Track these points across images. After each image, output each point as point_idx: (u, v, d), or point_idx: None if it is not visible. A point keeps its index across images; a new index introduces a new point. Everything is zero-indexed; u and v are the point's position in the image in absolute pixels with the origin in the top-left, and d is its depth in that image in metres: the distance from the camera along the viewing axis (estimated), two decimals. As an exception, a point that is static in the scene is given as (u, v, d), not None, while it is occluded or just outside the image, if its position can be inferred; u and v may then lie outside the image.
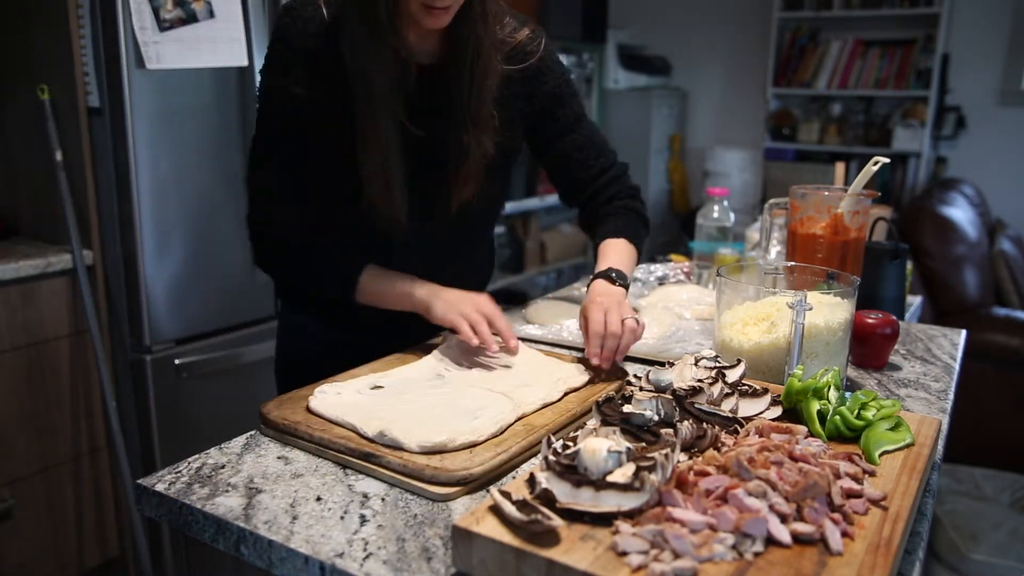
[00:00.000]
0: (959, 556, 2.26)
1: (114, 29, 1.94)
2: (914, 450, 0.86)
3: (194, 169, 2.13)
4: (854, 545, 0.67)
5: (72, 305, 2.08)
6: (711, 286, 1.67)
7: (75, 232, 2.05)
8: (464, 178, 1.24)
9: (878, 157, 1.31)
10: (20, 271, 1.95)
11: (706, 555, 0.64)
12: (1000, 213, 3.88)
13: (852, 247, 1.36)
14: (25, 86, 2.09)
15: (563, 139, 1.35)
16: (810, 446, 0.81)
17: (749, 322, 1.13)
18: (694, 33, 4.84)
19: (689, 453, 0.83)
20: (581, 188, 1.39)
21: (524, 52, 1.27)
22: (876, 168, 1.29)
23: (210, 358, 2.17)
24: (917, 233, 3.09)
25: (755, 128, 4.69)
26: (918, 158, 4.14)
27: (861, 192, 1.35)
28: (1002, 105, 4.07)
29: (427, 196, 1.25)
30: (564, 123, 1.34)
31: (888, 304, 1.46)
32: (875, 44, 4.27)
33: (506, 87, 1.24)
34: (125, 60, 1.95)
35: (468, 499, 0.84)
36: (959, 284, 3.09)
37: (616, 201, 1.39)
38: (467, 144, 1.21)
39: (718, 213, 1.84)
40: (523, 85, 1.28)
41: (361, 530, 0.78)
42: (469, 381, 1.10)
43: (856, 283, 1.12)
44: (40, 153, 2.09)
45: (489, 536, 0.67)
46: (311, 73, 1.17)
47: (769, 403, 0.96)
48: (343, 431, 0.94)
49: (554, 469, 0.73)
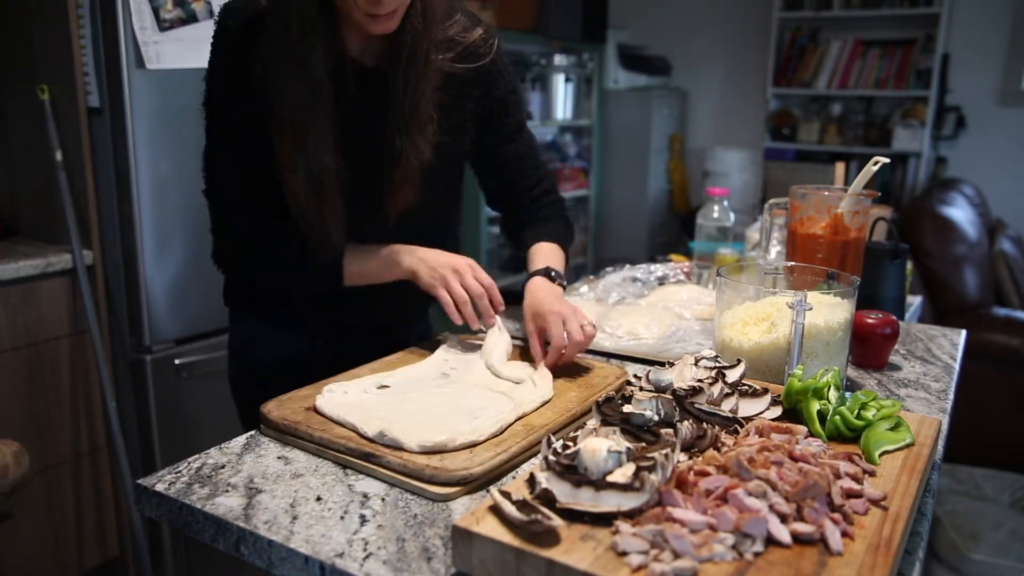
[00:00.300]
0: (959, 556, 2.26)
1: (114, 29, 1.94)
2: (914, 450, 0.86)
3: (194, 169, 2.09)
4: (854, 545, 0.67)
5: (72, 305, 2.08)
6: (711, 286, 1.67)
7: (75, 232, 2.04)
8: (399, 184, 1.19)
9: (878, 157, 1.31)
10: (20, 271, 1.95)
11: (706, 555, 0.64)
12: (1000, 213, 3.88)
13: (852, 247, 1.36)
14: (25, 86, 2.09)
15: (505, 147, 1.34)
16: (810, 446, 0.81)
17: (749, 322, 1.13)
18: (694, 33, 4.84)
19: (689, 453, 0.83)
20: (514, 197, 1.39)
21: (476, 53, 1.24)
22: (876, 168, 1.29)
23: (210, 358, 2.17)
24: (917, 233, 3.09)
25: (755, 128, 4.69)
26: (918, 158, 4.14)
27: (861, 192, 1.35)
28: (1002, 105, 4.07)
29: (365, 205, 1.21)
30: (507, 131, 1.33)
31: (888, 304, 1.46)
32: (875, 44, 4.28)
33: (456, 88, 1.22)
34: (125, 60, 1.95)
35: (468, 499, 0.84)
36: (959, 284, 3.09)
37: (544, 211, 1.40)
38: (401, 147, 1.16)
39: (718, 213, 1.84)
40: (473, 87, 1.26)
41: (361, 530, 0.78)
42: (473, 380, 1.10)
43: (856, 283, 1.12)
44: (40, 153, 2.08)
45: (489, 536, 0.67)
46: (251, 80, 1.11)
47: (769, 403, 0.95)
48: (343, 431, 0.94)
49: (554, 469, 0.73)
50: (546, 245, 1.35)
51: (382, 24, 1.07)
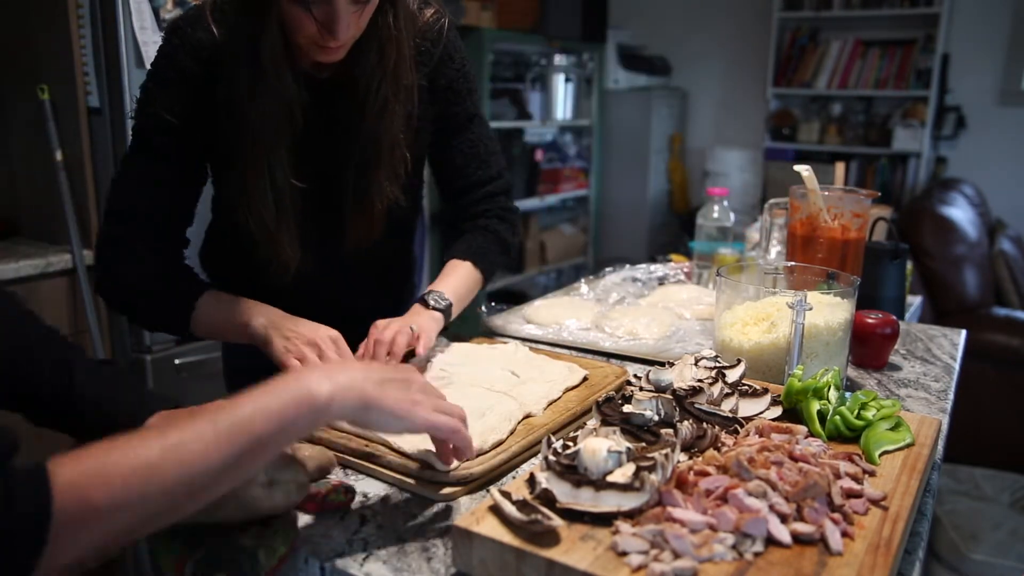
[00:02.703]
0: (959, 556, 2.26)
1: (114, 29, 1.94)
2: (914, 450, 0.86)
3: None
4: (854, 545, 0.67)
5: (72, 305, 2.08)
6: (711, 286, 1.67)
7: (75, 232, 2.05)
8: (362, 225, 1.16)
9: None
10: (20, 271, 1.95)
11: (706, 555, 0.64)
12: (1000, 213, 3.87)
13: (852, 247, 1.36)
14: (25, 86, 2.09)
15: (450, 141, 1.27)
16: (810, 446, 0.81)
17: (749, 322, 1.13)
18: (694, 33, 4.84)
19: (689, 453, 0.83)
20: (455, 196, 1.31)
21: (424, 36, 1.17)
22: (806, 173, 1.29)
23: (210, 358, 2.17)
24: (917, 233, 3.09)
25: (755, 128, 4.69)
26: (918, 158, 4.14)
27: (861, 192, 1.36)
28: (1002, 105, 4.07)
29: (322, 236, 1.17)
30: (454, 123, 1.25)
31: (888, 304, 1.46)
32: (875, 44, 4.27)
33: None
34: (125, 60, 1.95)
35: (468, 499, 0.84)
36: (959, 284, 3.09)
37: (481, 219, 1.30)
38: (365, 188, 1.12)
39: (718, 213, 1.84)
40: (421, 68, 1.17)
41: (361, 530, 0.78)
42: (471, 380, 1.10)
43: (856, 283, 1.12)
44: (40, 153, 2.08)
45: (489, 536, 0.67)
46: (194, 99, 1.07)
47: (769, 403, 0.96)
48: (343, 431, 0.94)
49: (554, 469, 0.73)
50: (452, 266, 1.25)
51: (331, 54, 1.03)
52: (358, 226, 1.17)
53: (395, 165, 1.14)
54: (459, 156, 1.28)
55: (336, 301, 1.24)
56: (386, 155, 1.13)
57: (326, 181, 1.15)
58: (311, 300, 1.18)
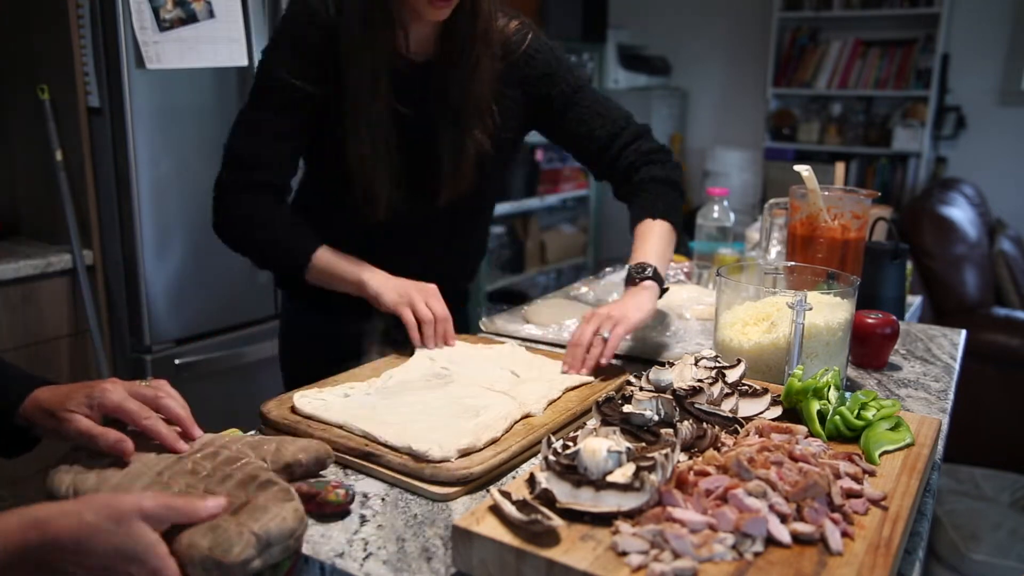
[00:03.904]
0: (959, 556, 2.26)
1: (114, 29, 1.94)
2: (914, 450, 0.86)
3: (194, 169, 2.12)
4: (854, 545, 0.67)
5: (72, 305, 2.08)
6: (711, 286, 1.67)
7: (75, 232, 2.05)
8: (458, 174, 1.27)
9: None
10: (20, 271, 1.95)
11: (706, 555, 0.64)
12: (1000, 213, 3.87)
13: (852, 247, 1.36)
14: (25, 86, 2.09)
15: (564, 116, 1.35)
16: (810, 446, 0.81)
17: (749, 322, 1.13)
18: (694, 33, 4.84)
19: (689, 453, 0.83)
20: (595, 160, 1.39)
21: (510, 47, 1.30)
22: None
23: (210, 358, 2.17)
24: (917, 233, 3.09)
25: (755, 128, 4.69)
26: (918, 158, 4.14)
27: (861, 192, 1.36)
28: (1002, 105, 4.07)
29: (418, 190, 1.28)
30: (561, 100, 1.34)
31: (888, 304, 1.46)
32: (875, 44, 4.27)
33: (499, 81, 1.27)
34: (125, 60, 1.95)
35: (468, 499, 0.84)
36: (959, 284, 3.09)
37: (637, 173, 1.36)
38: (461, 140, 1.24)
39: (718, 213, 1.84)
40: (510, 74, 1.30)
41: (361, 530, 0.78)
42: (471, 379, 1.10)
43: (856, 283, 1.12)
44: (40, 153, 2.09)
45: (489, 536, 0.67)
46: (310, 61, 1.21)
47: (769, 403, 0.95)
48: (343, 431, 0.94)
49: (554, 469, 0.73)
50: (642, 230, 1.31)
51: (439, 10, 1.14)
52: (457, 181, 1.28)
53: (483, 117, 1.26)
54: (580, 125, 1.35)
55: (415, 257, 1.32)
56: (476, 108, 1.24)
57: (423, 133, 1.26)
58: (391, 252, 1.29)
